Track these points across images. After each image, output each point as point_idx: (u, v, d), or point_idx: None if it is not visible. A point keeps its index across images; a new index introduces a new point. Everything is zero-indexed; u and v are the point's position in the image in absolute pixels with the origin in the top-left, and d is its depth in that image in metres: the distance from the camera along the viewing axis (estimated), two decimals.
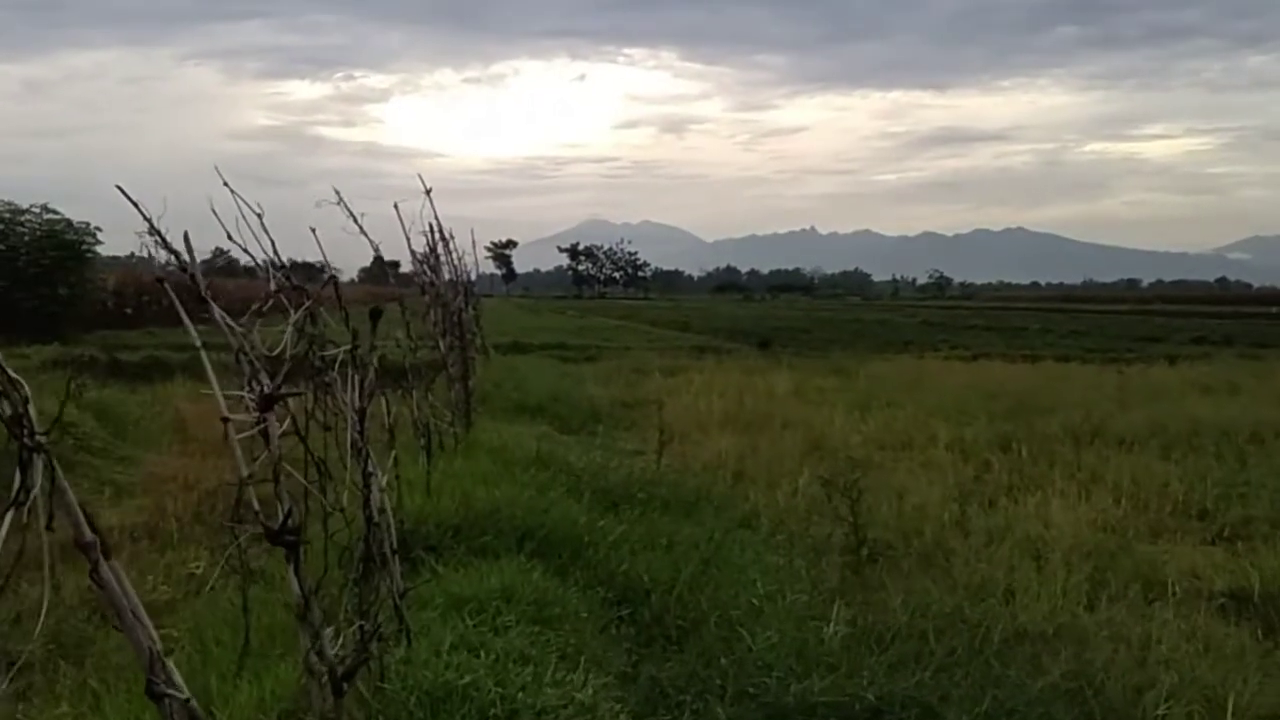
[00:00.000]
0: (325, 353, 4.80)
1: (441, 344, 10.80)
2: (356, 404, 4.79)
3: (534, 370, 24.07)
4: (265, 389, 3.58)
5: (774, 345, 37.58)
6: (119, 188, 3.42)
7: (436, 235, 11.75)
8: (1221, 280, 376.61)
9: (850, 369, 26.83)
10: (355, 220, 7.42)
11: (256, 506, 3.52)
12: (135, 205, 3.49)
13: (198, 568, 8.03)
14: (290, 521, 3.58)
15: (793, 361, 29.35)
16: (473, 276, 21.04)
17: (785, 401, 19.38)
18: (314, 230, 6.06)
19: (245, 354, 3.58)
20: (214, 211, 3.98)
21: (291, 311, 4.44)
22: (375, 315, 5.75)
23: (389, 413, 6.15)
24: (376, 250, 8.37)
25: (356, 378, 4.82)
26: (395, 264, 11.34)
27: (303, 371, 4.40)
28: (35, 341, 24.78)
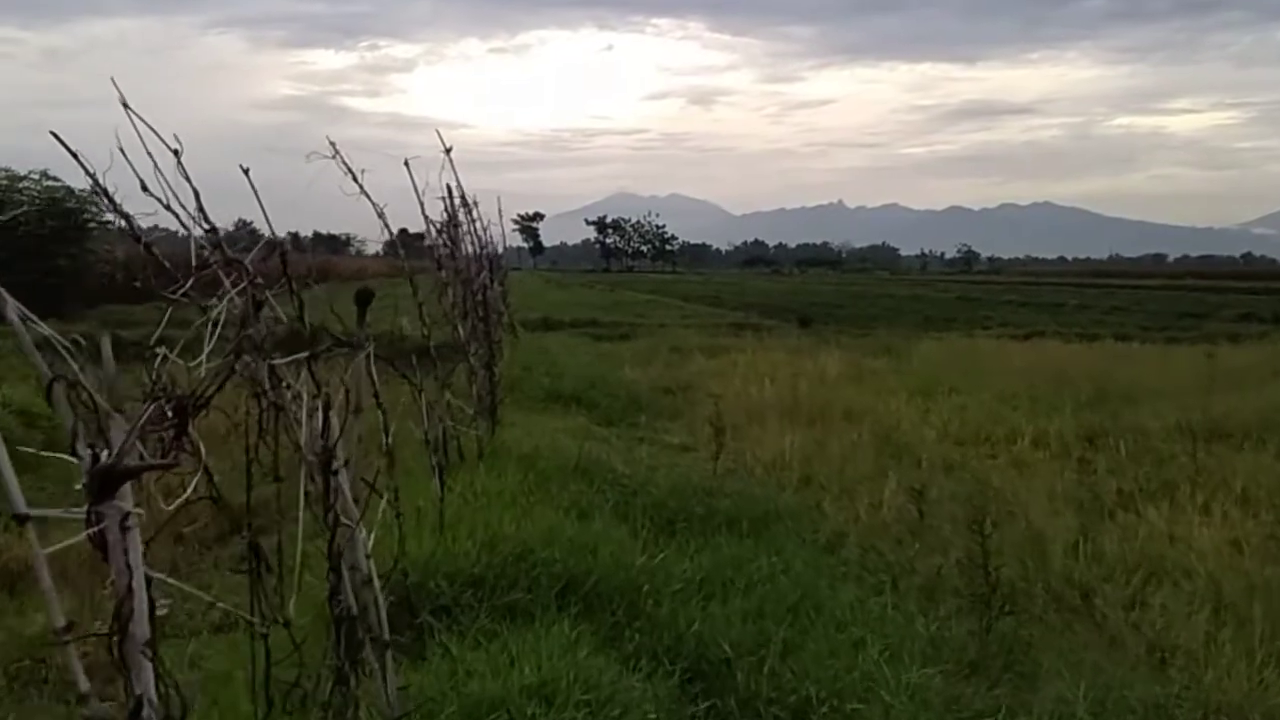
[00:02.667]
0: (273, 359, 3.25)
1: (461, 328, 9.11)
2: (318, 445, 3.18)
3: (567, 351, 22.36)
4: (102, 459, 1.94)
5: (815, 323, 35.72)
6: (53, 134, 2.72)
7: (457, 201, 10.06)
8: (1247, 256, 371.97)
9: (900, 348, 25.14)
10: (355, 179, 5.97)
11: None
12: (75, 155, 2.72)
13: None
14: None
15: (837, 340, 27.59)
16: (500, 249, 19.40)
17: (840, 387, 17.67)
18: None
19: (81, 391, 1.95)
20: (249, 180, 3.43)
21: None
22: (363, 300, 4.19)
23: (388, 431, 4.51)
24: (381, 214, 6.74)
25: (317, 402, 3.22)
26: (419, 235, 9.71)
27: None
28: (38, 316, 23.15)
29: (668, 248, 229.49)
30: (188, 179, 3.34)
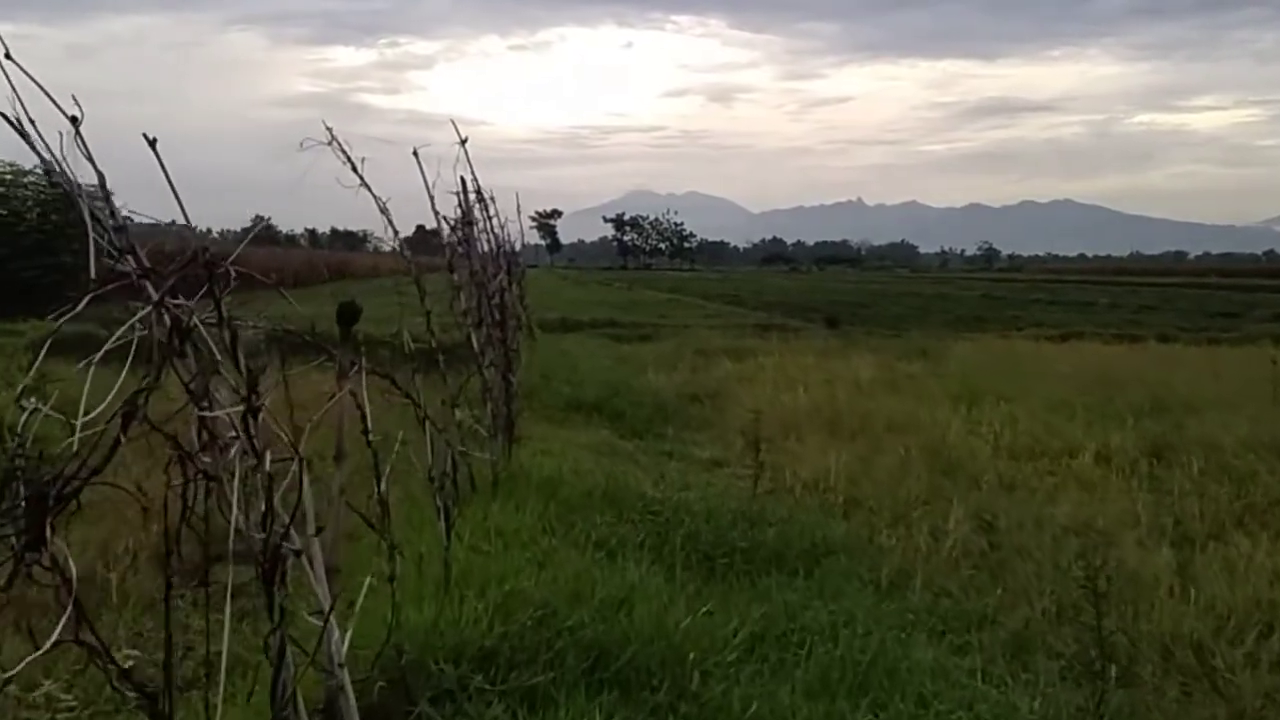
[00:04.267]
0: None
1: (475, 336, 8.11)
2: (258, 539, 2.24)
3: (587, 355, 21.27)
4: None
5: (842, 323, 34.55)
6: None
7: (472, 196, 9.07)
8: (1269, 253, 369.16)
9: (934, 351, 24.02)
10: (355, 169, 5.25)
11: None
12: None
13: None
14: None
15: (866, 341, 26.51)
16: (517, 246, 18.41)
17: (878, 394, 16.63)
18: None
19: None
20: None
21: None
22: (348, 317, 3.29)
23: (382, 482, 3.54)
24: (384, 209, 5.84)
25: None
26: (435, 232, 8.74)
27: None
28: (35, 315, 22.29)
29: (686, 245, 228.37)
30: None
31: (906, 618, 6.46)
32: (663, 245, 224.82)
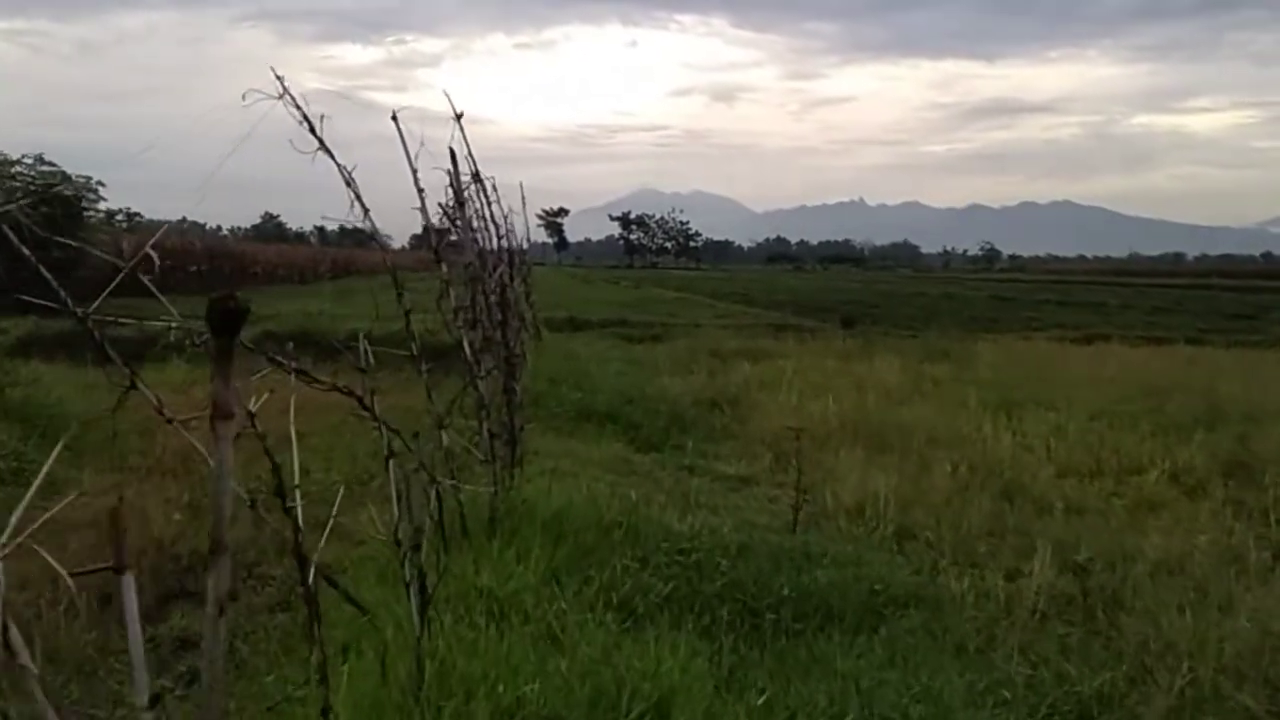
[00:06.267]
0: None
1: (468, 341, 6.81)
2: None
3: (596, 358, 19.84)
4: None
5: (857, 323, 33.12)
6: None
7: (465, 175, 7.73)
8: (1267, 255, 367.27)
9: (957, 353, 22.71)
10: (313, 130, 4.39)
11: None
12: None
13: None
14: None
15: (885, 342, 25.17)
16: (524, 244, 17.10)
17: (910, 401, 15.35)
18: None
19: None
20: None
21: None
22: (223, 319, 1.94)
23: (308, 578, 2.30)
24: (349, 180, 4.71)
25: None
26: (444, 231, 7.42)
27: None
28: (20, 313, 21.05)
29: (691, 244, 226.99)
30: None
31: (1001, 695, 5.20)
32: (668, 244, 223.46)
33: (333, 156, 4.37)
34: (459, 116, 7.12)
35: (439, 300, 6.59)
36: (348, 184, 4.69)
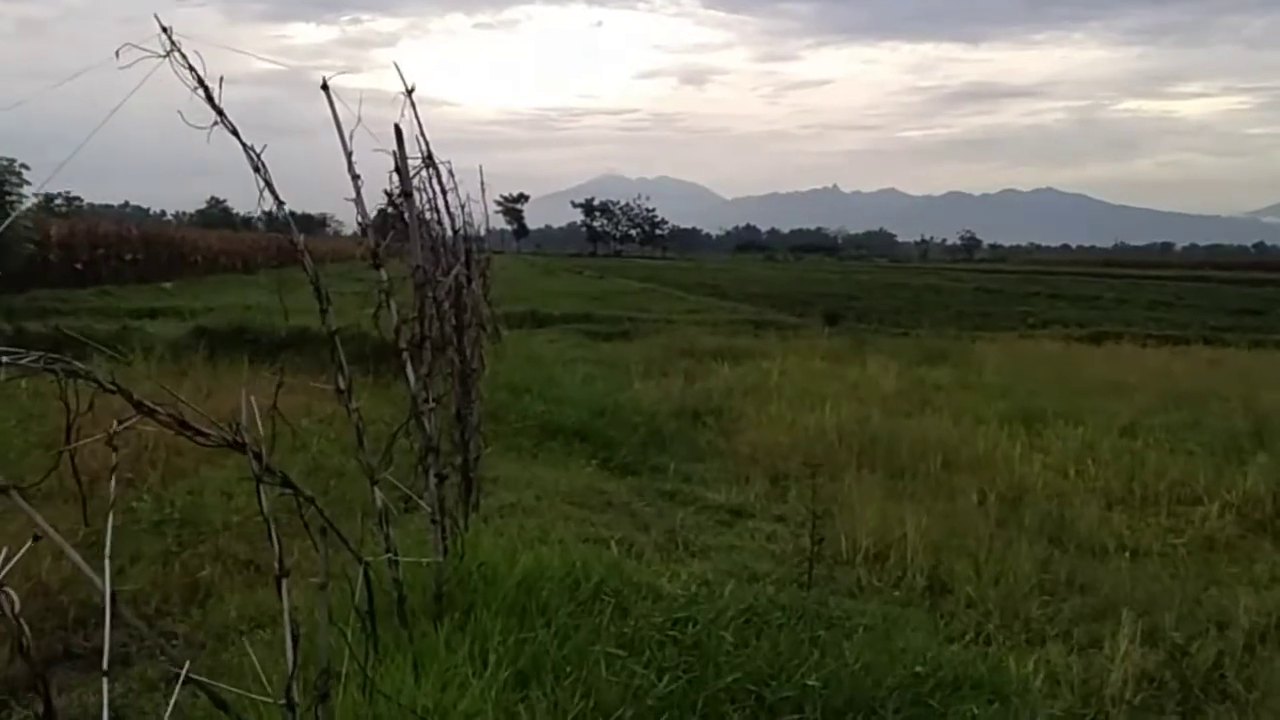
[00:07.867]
0: None
1: (412, 367, 5.24)
2: None
3: (562, 362, 18.19)
4: None
5: (841, 319, 31.49)
6: None
7: (419, 160, 6.12)
8: (1259, 245, 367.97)
9: (956, 354, 21.25)
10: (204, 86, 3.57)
11: None
12: None
13: None
14: None
15: (875, 341, 23.63)
16: (482, 232, 15.46)
17: (913, 411, 13.91)
18: None
19: None
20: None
21: None
22: None
23: None
24: (249, 149, 3.33)
25: None
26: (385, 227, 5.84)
27: None
28: None
29: (657, 232, 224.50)
30: None
31: None
32: (633, 231, 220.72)
33: (237, 135, 3.52)
34: (410, 91, 5.57)
35: (375, 314, 5.05)
36: (256, 170, 3.72)
